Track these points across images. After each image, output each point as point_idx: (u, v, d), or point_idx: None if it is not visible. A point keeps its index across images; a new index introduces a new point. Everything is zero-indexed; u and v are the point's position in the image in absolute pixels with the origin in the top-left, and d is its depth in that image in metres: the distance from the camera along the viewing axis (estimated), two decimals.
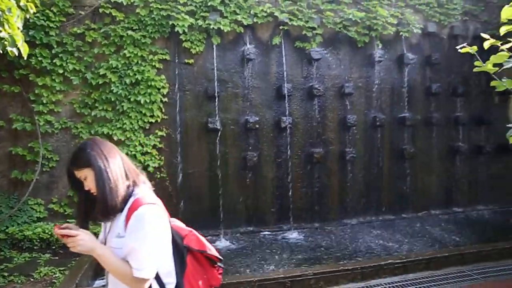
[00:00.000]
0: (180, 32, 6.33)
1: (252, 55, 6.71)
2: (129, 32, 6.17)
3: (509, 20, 1.78)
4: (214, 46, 6.61)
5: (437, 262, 5.03)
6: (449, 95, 8.01)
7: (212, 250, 1.95)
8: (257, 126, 6.72)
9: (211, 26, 6.47)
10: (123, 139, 6.21)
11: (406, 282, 4.63)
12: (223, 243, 6.35)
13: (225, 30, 6.54)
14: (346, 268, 4.71)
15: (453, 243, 5.98)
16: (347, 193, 7.34)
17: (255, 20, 6.74)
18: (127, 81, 6.17)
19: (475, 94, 8.17)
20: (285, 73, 6.90)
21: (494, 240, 5.82)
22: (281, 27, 6.86)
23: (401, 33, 7.43)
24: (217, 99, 6.58)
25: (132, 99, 6.23)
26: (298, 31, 6.97)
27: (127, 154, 6.12)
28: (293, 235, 6.70)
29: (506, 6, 1.76)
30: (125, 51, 6.17)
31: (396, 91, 7.60)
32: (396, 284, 4.60)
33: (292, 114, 6.96)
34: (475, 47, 2.19)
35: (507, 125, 2.16)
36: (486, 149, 8.13)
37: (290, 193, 6.97)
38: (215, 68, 6.62)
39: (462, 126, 8.06)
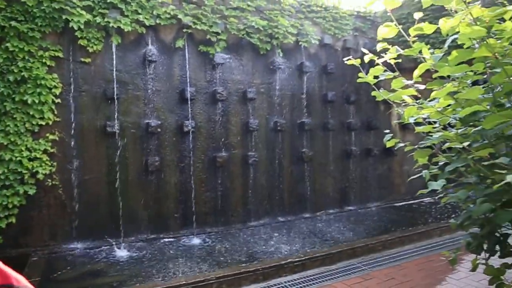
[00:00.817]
0: (75, 28, 5.89)
1: (155, 57, 6.53)
2: (13, 23, 5.55)
3: (384, 38, 1.97)
4: (114, 46, 6.30)
5: (332, 258, 5.38)
6: (343, 103, 8.68)
7: (21, 282, 1.61)
8: (159, 130, 6.54)
9: (111, 24, 6.14)
10: (6, 143, 5.55)
11: (305, 279, 4.87)
12: (123, 252, 6.04)
13: (126, 30, 6.26)
14: (248, 270, 4.80)
15: (346, 239, 6.46)
16: (250, 196, 7.51)
17: (158, 21, 6.57)
18: (11, 78, 5.54)
19: (365, 102, 8.98)
20: (188, 76, 6.84)
21: (379, 234, 6.45)
22: (184, 30, 6.78)
23: (300, 43, 7.87)
24: (116, 101, 6.26)
25: (17, 99, 5.61)
26: (202, 35, 6.96)
27: (11, 160, 5.51)
28: (197, 240, 6.64)
29: (381, 26, 1.95)
30: (8, 44, 5.54)
31: (296, 97, 8.01)
32: (296, 281, 4.81)
33: (195, 118, 6.92)
34: (358, 60, 2.40)
35: (385, 131, 2.39)
36: (374, 152, 8.98)
37: (193, 198, 6.90)
38: (115, 69, 6.30)
39: (354, 131, 8.80)
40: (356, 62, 2.35)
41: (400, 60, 1.98)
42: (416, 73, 1.72)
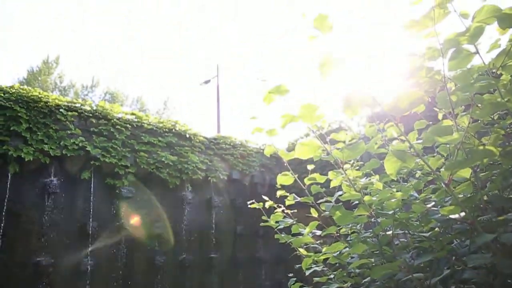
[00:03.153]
0: None
1: (56, 188, 6.16)
2: None
3: (281, 185, 2.15)
4: (9, 175, 5.86)
5: None
6: (252, 236, 8.73)
7: None
8: (51, 269, 5.82)
9: (10, 153, 5.81)
10: None
11: None
12: None
13: (27, 159, 5.95)
14: None
15: None
16: None
17: (64, 152, 6.39)
18: None
19: (274, 235, 9.11)
20: (91, 210, 6.47)
21: None
22: (92, 162, 6.65)
23: (209, 178, 8.11)
24: (1, 236, 5.57)
25: None
26: (110, 168, 6.85)
27: None
28: None
29: (280, 175, 2.13)
30: None
31: (204, 231, 7.89)
32: None
33: (95, 256, 6.34)
34: (261, 204, 2.53)
35: (289, 275, 2.42)
36: (285, 286, 8.83)
37: None
38: (6, 199, 5.75)
39: (264, 264, 8.70)
40: (259, 205, 2.47)
41: (295, 211, 2.14)
42: (307, 230, 1.87)
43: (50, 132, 6.29)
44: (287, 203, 2.17)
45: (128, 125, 7.18)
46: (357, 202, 1.69)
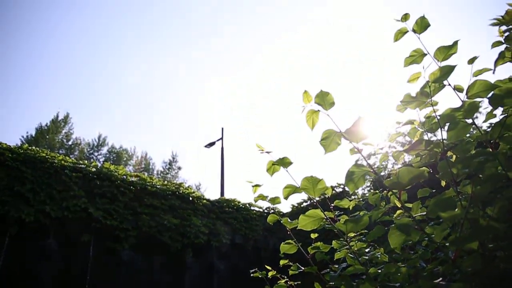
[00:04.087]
0: None
1: (54, 250, 6.03)
2: None
3: (285, 253, 2.10)
4: (8, 235, 5.77)
5: None
6: None
7: None
8: None
9: (11, 213, 5.76)
10: None
11: None
12: None
13: (28, 220, 5.88)
14: None
15: None
16: None
17: (65, 213, 6.34)
18: None
19: None
20: (88, 275, 6.27)
21: None
22: (93, 224, 6.56)
23: (212, 242, 7.92)
24: None
25: None
26: (111, 230, 6.74)
27: None
28: None
29: (283, 243, 2.10)
30: None
31: None
32: None
33: None
34: (264, 273, 2.46)
35: None
36: None
37: None
38: (2, 260, 5.60)
39: None
40: (262, 274, 2.41)
41: (299, 282, 2.08)
42: None
43: (53, 193, 6.28)
44: (291, 272, 2.11)
45: (131, 187, 7.19)
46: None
